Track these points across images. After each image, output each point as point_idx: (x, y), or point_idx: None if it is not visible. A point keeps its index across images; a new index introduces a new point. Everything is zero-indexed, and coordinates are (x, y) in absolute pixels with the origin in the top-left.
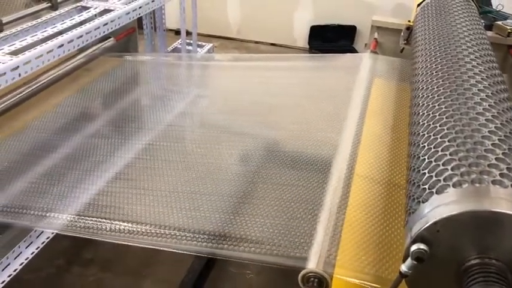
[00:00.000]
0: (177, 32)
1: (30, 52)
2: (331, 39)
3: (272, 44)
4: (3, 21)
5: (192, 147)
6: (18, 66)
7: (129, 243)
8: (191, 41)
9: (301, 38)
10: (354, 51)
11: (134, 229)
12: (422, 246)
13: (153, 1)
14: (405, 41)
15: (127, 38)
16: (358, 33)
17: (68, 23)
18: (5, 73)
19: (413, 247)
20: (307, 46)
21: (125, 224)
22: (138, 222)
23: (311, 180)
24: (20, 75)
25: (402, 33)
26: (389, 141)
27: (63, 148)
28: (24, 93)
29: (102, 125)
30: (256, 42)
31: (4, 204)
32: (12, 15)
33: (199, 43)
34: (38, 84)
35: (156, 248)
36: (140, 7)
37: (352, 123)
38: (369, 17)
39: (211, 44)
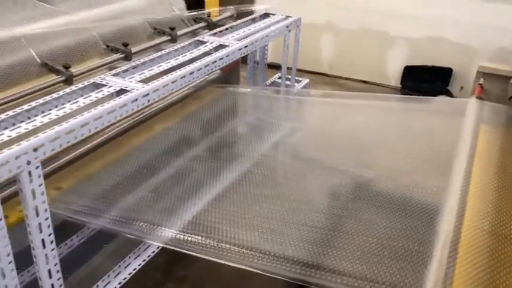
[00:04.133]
0: (270, 66)
1: (158, 81)
2: (425, 80)
3: (363, 82)
4: (132, 51)
5: (284, 178)
6: (148, 93)
7: (223, 262)
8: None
9: (394, 77)
10: (449, 93)
11: (228, 249)
12: None
13: (262, 39)
14: None
15: (231, 70)
16: (454, 75)
17: (188, 55)
18: (136, 99)
19: None
20: (400, 86)
21: (221, 243)
22: (232, 243)
23: (405, 223)
24: (148, 101)
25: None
26: (499, 190)
27: (168, 169)
28: (138, 118)
29: (203, 150)
30: (347, 79)
31: (117, 215)
32: (140, 46)
33: (296, 78)
34: (151, 110)
35: (248, 269)
36: (251, 44)
37: (458, 169)
38: (466, 60)
39: (307, 80)
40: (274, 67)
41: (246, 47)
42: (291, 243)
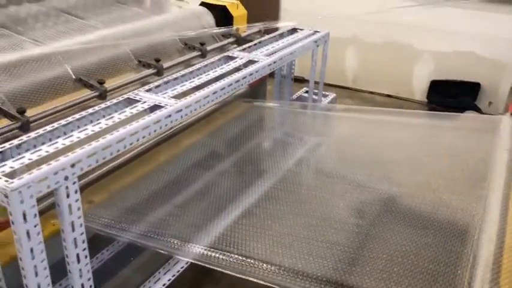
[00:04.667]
0: (295, 79)
1: (191, 97)
2: (452, 95)
3: (388, 96)
4: (164, 67)
5: (308, 194)
6: (181, 109)
7: (249, 278)
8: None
9: (420, 91)
10: (476, 109)
11: (254, 265)
12: None
13: (291, 54)
14: None
15: (258, 84)
16: (482, 90)
17: (219, 71)
18: (170, 115)
19: None
20: (426, 100)
21: (247, 259)
22: (258, 259)
23: (436, 243)
24: (181, 117)
25: None
26: None
27: (195, 184)
28: (167, 133)
29: (229, 165)
30: (372, 93)
31: (146, 229)
32: (171, 61)
33: (323, 92)
34: (178, 125)
35: (274, 286)
36: (280, 59)
37: (494, 188)
38: (496, 74)
39: (334, 94)
40: (298, 80)
41: (275, 62)
42: (316, 261)
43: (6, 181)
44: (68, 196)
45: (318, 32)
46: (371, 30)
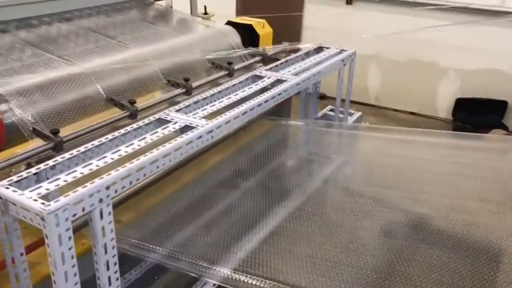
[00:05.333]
0: (322, 97)
1: (221, 118)
2: (478, 113)
3: (412, 113)
4: (193, 86)
5: (335, 214)
6: (212, 130)
7: None
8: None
9: (444, 109)
10: (504, 127)
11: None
12: None
13: (319, 73)
14: None
15: (283, 102)
16: (510, 108)
17: (247, 90)
18: (201, 136)
19: None
20: (451, 118)
21: (272, 282)
22: (283, 282)
23: (469, 267)
24: (212, 137)
25: None
26: None
27: (220, 204)
28: (193, 152)
29: (255, 184)
30: (396, 110)
31: (173, 250)
32: (199, 81)
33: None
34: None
35: None
36: (308, 78)
37: None
38: None
39: (360, 113)
40: (320, 97)
41: (303, 81)
42: (344, 286)
43: (43, 204)
44: (101, 218)
45: (345, 50)
46: (394, 47)
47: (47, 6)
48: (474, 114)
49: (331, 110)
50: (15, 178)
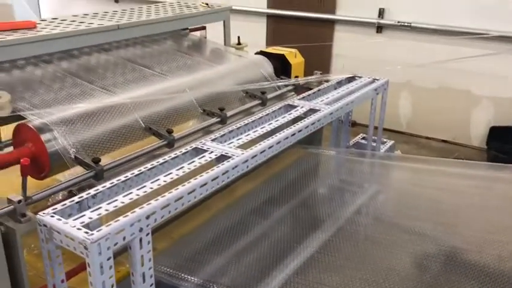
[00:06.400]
0: (352, 124)
1: (256, 147)
2: None
3: (444, 141)
4: (227, 115)
5: (366, 246)
6: (247, 160)
7: None
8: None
9: (478, 137)
10: None
11: None
12: None
13: (352, 102)
14: None
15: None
16: None
17: (281, 120)
18: (237, 165)
19: None
20: (485, 146)
21: None
22: None
23: None
24: (247, 167)
25: None
26: None
27: (252, 232)
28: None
29: (286, 214)
30: (428, 138)
31: (206, 279)
32: (233, 110)
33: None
34: None
35: None
36: (341, 108)
37: None
38: None
39: (392, 141)
40: (351, 124)
41: (337, 111)
42: None
43: (86, 233)
44: (141, 248)
45: (377, 79)
46: (425, 74)
47: (89, 39)
48: (509, 143)
49: (363, 138)
50: (59, 206)
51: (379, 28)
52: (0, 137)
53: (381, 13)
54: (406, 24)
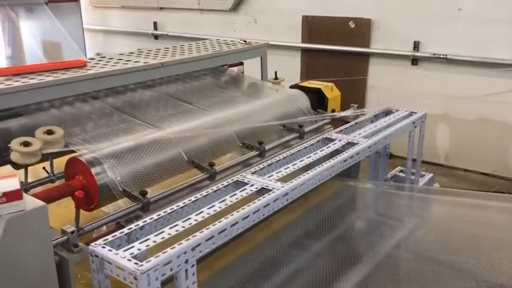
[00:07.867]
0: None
1: (296, 181)
2: None
3: (483, 174)
4: (266, 148)
5: (405, 281)
6: (287, 193)
7: None
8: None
9: None
10: None
11: None
12: None
13: (390, 136)
14: None
15: None
16: None
17: (319, 153)
18: (278, 198)
19: None
20: None
21: None
22: None
23: None
24: (287, 200)
25: None
26: None
27: (289, 266)
28: None
29: (323, 248)
30: (466, 171)
31: None
32: (272, 143)
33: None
34: None
35: None
36: (379, 141)
37: None
38: None
39: (431, 175)
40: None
41: (374, 144)
42: None
43: (136, 263)
44: (186, 279)
45: (415, 112)
46: (463, 106)
47: (135, 77)
48: None
49: (401, 170)
50: (109, 238)
51: (414, 61)
52: (53, 170)
53: (416, 46)
54: (441, 56)
